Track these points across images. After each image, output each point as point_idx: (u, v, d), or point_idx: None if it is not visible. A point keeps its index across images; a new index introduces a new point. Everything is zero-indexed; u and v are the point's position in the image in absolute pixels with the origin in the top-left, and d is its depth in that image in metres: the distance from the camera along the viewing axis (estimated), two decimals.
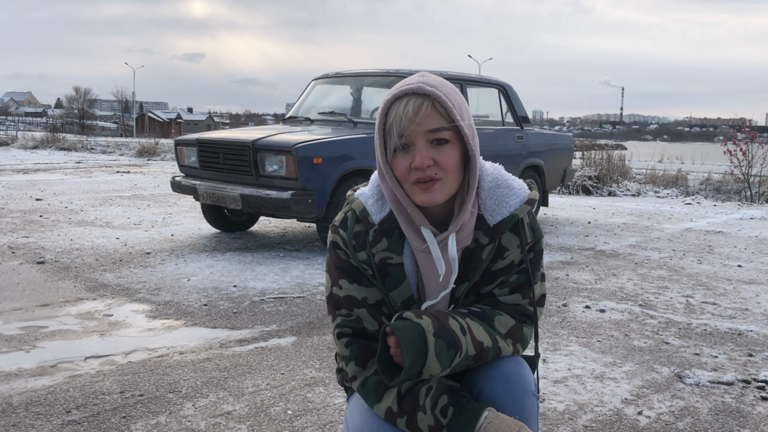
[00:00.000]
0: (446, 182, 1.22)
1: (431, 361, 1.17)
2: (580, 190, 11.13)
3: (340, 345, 1.32)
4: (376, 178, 1.34)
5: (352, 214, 1.33)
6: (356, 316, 1.31)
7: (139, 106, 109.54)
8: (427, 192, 1.21)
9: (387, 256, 1.30)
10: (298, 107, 6.36)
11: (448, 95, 1.21)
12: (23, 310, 3.41)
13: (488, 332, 1.26)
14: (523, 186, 1.34)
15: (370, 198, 1.33)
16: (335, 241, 1.34)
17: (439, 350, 1.18)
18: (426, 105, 1.19)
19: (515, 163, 6.58)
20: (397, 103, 1.21)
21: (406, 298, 1.31)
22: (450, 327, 1.21)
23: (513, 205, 1.30)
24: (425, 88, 1.19)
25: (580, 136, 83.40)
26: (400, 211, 1.29)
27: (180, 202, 7.99)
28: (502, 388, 1.22)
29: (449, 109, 1.20)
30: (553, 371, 2.71)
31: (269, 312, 3.49)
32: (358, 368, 1.30)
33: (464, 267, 1.30)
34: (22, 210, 6.94)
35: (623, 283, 4.33)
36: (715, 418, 2.30)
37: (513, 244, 1.30)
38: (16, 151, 19.40)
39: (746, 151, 10.85)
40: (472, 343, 1.23)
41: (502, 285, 1.32)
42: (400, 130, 1.20)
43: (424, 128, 1.20)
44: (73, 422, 2.15)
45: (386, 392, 1.26)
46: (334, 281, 1.33)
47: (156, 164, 15.79)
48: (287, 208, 4.64)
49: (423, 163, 1.19)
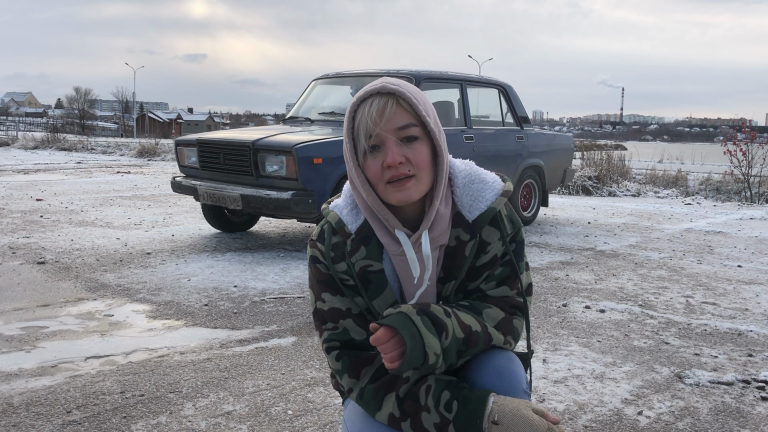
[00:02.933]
0: (420, 179, 1.23)
1: (427, 337, 1.17)
2: (580, 191, 11.13)
3: (331, 359, 1.32)
4: (349, 188, 1.34)
5: (328, 226, 1.34)
6: (342, 327, 1.31)
7: (140, 107, 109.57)
8: (401, 190, 1.22)
9: (367, 264, 1.30)
10: (298, 107, 6.37)
11: (412, 92, 1.22)
12: (24, 310, 3.41)
13: (477, 319, 1.26)
14: (496, 179, 1.34)
15: (344, 208, 1.33)
16: (314, 256, 1.34)
17: (428, 326, 1.19)
18: (391, 103, 1.20)
19: (515, 163, 6.58)
20: (363, 105, 1.22)
21: (389, 304, 1.30)
22: (431, 311, 1.22)
23: (489, 199, 1.30)
24: (389, 87, 1.21)
25: (580, 136, 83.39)
26: (374, 217, 1.29)
27: (180, 202, 7.99)
28: (494, 384, 1.22)
29: (414, 106, 1.21)
30: (553, 371, 2.71)
31: (269, 312, 3.49)
32: (353, 380, 1.29)
33: (449, 266, 1.31)
34: (22, 210, 6.94)
35: (623, 284, 4.33)
36: (715, 418, 2.30)
37: (494, 238, 1.30)
38: (16, 152, 19.41)
39: (746, 151, 10.85)
40: (459, 325, 1.22)
41: (489, 279, 1.32)
42: (368, 131, 1.20)
43: (393, 126, 1.20)
44: (73, 422, 2.16)
45: (385, 399, 1.25)
46: (317, 296, 1.34)
47: (156, 164, 15.79)
48: (287, 209, 4.64)
49: (395, 160, 1.19)
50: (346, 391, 1.31)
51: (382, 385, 1.26)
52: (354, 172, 1.25)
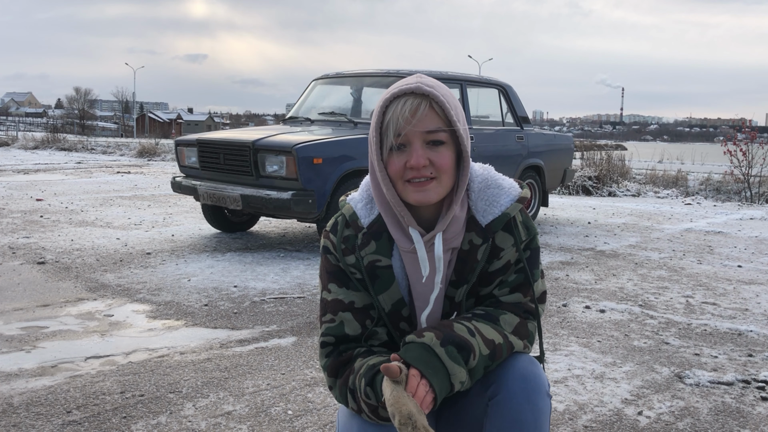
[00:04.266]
0: (441, 182, 1.24)
1: (452, 368, 1.17)
2: (580, 191, 11.13)
3: (321, 355, 1.35)
4: (367, 182, 1.35)
5: (342, 218, 1.36)
6: (340, 320, 1.32)
7: (140, 107, 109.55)
8: (420, 191, 1.23)
9: (375, 259, 1.31)
10: (298, 108, 6.36)
11: (446, 97, 1.23)
12: (24, 310, 3.41)
13: (497, 330, 1.26)
14: (513, 185, 1.34)
15: (359, 202, 1.35)
16: (326, 246, 1.36)
17: (453, 355, 1.18)
18: (424, 105, 1.21)
19: (515, 163, 6.58)
20: (395, 102, 1.22)
21: (395, 300, 1.31)
22: (456, 333, 1.21)
23: (504, 204, 1.30)
24: (424, 89, 1.21)
25: (580, 136, 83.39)
26: (389, 212, 1.30)
27: (180, 202, 7.99)
28: (519, 388, 1.23)
29: (447, 111, 1.21)
30: (553, 371, 2.71)
31: (270, 312, 3.49)
32: (332, 378, 1.31)
33: (460, 270, 1.31)
34: (22, 210, 6.94)
35: (623, 284, 4.33)
36: (715, 419, 2.30)
37: (508, 243, 1.31)
38: (16, 152, 19.40)
39: (746, 151, 10.84)
40: (484, 342, 1.22)
41: (502, 285, 1.32)
42: (397, 130, 1.21)
43: (421, 129, 1.21)
44: (73, 422, 2.16)
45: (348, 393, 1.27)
46: (324, 285, 1.36)
47: (156, 164, 15.79)
48: (287, 209, 4.64)
49: (419, 163, 1.21)
50: (329, 388, 1.34)
51: (344, 381, 1.28)
52: (377, 166, 1.26)
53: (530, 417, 1.21)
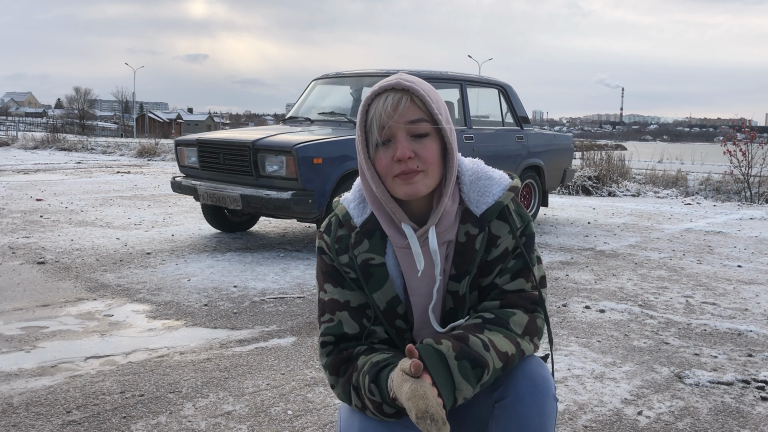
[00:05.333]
0: (428, 174, 1.25)
1: (459, 383, 1.17)
2: (580, 191, 11.13)
3: (321, 355, 1.35)
4: (358, 182, 1.37)
5: (335, 219, 1.38)
6: (338, 320, 1.33)
7: (140, 107, 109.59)
8: (408, 184, 1.24)
9: (369, 257, 1.32)
10: (298, 107, 6.36)
11: (426, 91, 1.25)
12: (23, 310, 3.41)
13: (509, 338, 1.26)
14: (503, 176, 1.36)
15: (352, 202, 1.37)
16: (321, 247, 1.38)
17: (464, 371, 1.17)
18: (405, 99, 1.23)
19: (515, 163, 6.58)
20: (377, 99, 1.25)
21: (390, 298, 1.32)
22: (472, 348, 1.20)
23: (496, 194, 1.32)
24: (404, 84, 1.23)
25: (579, 136, 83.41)
26: (381, 210, 1.31)
27: (180, 202, 7.99)
28: (527, 391, 1.24)
29: (427, 103, 1.24)
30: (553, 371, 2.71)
31: (269, 312, 3.49)
32: (333, 377, 1.32)
33: (460, 262, 1.32)
34: (22, 210, 6.94)
35: (623, 284, 4.33)
36: (715, 419, 2.31)
37: (503, 231, 1.32)
38: (16, 152, 19.41)
39: (746, 151, 10.85)
40: (498, 356, 1.22)
41: (502, 273, 1.32)
42: (380, 124, 1.23)
43: (404, 120, 1.23)
44: (73, 422, 2.16)
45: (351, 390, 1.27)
46: (320, 286, 1.38)
47: (156, 164, 15.79)
48: (287, 209, 4.64)
49: (404, 154, 1.22)
50: (330, 387, 1.35)
51: (347, 379, 1.29)
52: (365, 164, 1.28)
53: (537, 420, 1.22)
